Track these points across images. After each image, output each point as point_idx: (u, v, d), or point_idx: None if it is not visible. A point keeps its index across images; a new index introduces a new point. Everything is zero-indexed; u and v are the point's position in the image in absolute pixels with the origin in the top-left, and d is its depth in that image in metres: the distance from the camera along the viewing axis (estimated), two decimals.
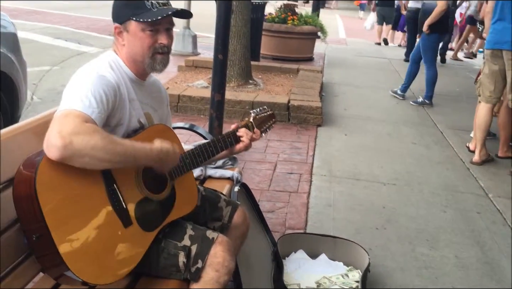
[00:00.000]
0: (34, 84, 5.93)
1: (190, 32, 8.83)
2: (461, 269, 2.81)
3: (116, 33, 1.68)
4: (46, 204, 1.32)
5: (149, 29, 1.63)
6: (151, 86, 1.84)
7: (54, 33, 9.72)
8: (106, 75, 1.58)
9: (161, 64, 1.70)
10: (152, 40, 1.64)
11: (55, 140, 1.33)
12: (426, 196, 3.73)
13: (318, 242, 2.73)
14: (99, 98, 1.49)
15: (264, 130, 2.08)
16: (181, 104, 5.34)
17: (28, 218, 1.35)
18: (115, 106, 1.58)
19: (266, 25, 8.49)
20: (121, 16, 1.65)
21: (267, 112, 2.10)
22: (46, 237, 1.32)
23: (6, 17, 3.66)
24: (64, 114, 1.41)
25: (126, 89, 1.65)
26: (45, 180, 1.34)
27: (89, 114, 1.43)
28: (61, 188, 1.38)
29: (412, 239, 3.07)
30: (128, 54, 1.68)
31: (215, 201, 1.99)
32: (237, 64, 6.10)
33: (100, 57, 1.69)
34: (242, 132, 1.94)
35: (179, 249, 1.65)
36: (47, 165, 1.35)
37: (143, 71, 1.72)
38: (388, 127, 5.43)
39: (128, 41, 1.66)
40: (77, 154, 1.34)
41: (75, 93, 1.48)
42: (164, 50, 1.68)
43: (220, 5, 3.44)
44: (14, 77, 3.45)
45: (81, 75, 1.56)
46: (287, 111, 5.32)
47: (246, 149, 1.96)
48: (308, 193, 3.59)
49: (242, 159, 4.08)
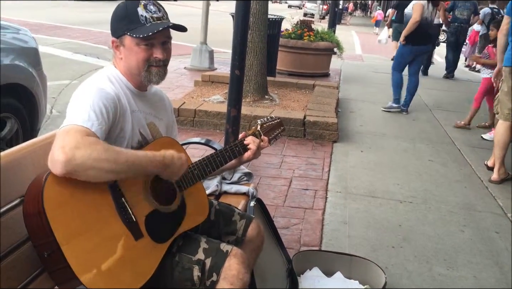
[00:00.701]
0: (54, 98, 6.03)
1: (207, 47, 8.91)
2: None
3: (114, 47, 1.71)
4: (55, 219, 1.33)
5: (143, 44, 1.64)
6: (153, 96, 1.86)
7: (74, 48, 9.89)
8: (105, 88, 1.60)
9: (157, 77, 1.70)
10: (146, 54, 1.66)
11: (58, 156, 1.34)
12: (444, 214, 3.68)
13: (333, 259, 2.70)
14: (99, 111, 1.50)
15: (272, 139, 2.07)
16: (197, 119, 5.37)
17: (38, 234, 1.36)
18: (116, 117, 1.59)
19: (283, 41, 8.53)
20: (117, 31, 1.68)
21: (274, 121, 2.10)
22: (57, 252, 1.32)
23: (28, 32, 3.74)
24: (65, 130, 1.43)
25: (127, 100, 1.67)
26: (53, 196, 1.35)
27: (89, 127, 1.45)
28: (68, 204, 1.38)
29: (429, 258, 3.02)
30: (125, 67, 1.70)
31: (229, 214, 1.99)
32: (253, 79, 6.14)
33: (99, 72, 1.72)
34: (249, 140, 1.94)
35: (194, 263, 1.64)
36: (54, 181, 1.36)
37: (141, 83, 1.74)
38: (405, 144, 5.39)
39: (124, 55, 1.69)
40: (81, 167, 1.35)
41: (75, 109, 1.50)
42: (159, 63, 1.69)
43: (237, 22, 3.47)
44: (35, 91, 3.52)
45: (80, 91, 1.59)
46: (303, 127, 5.31)
47: (254, 156, 1.95)
48: (323, 210, 3.57)
49: (258, 174, 4.08)
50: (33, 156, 1.56)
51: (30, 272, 1.47)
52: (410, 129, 6.05)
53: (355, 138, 5.45)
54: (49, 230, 1.31)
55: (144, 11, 1.65)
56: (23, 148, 1.56)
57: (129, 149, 1.63)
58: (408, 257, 3.02)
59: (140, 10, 1.64)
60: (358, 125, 6.04)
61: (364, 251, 2.99)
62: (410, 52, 6.66)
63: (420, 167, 4.70)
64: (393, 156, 4.97)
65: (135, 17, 1.64)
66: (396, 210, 3.69)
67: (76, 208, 1.39)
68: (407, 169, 4.62)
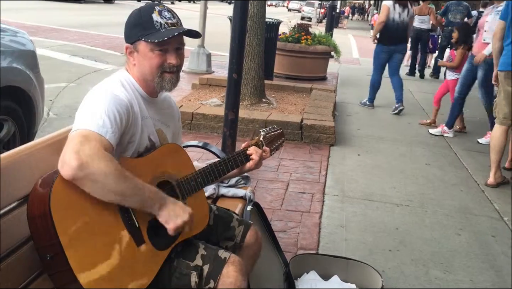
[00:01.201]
0: (51, 101, 6.02)
1: (205, 50, 8.93)
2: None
3: (128, 53, 1.71)
4: (60, 222, 1.33)
5: (157, 49, 1.65)
6: (163, 102, 1.86)
7: (71, 51, 9.89)
8: (119, 94, 1.60)
9: (170, 83, 1.71)
10: (160, 60, 1.66)
11: (70, 159, 1.35)
12: (440, 218, 3.69)
13: (330, 263, 2.71)
14: (113, 118, 1.51)
15: (274, 149, 2.09)
16: (195, 122, 5.37)
17: (42, 236, 1.36)
18: (129, 124, 1.60)
19: (280, 45, 8.55)
20: (131, 37, 1.68)
21: (276, 131, 2.12)
22: (60, 255, 1.33)
23: (26, 35, 3.74)
24: (81, 134, 1.43)
25: (139, 107, 1.68)
26: (60, 199, 1.36)
27: (104, 135, 1.45)
28: (75, 207, 1.39)
29: (426, 262, 3.03)
30: (139, 73, 1.71)
31: (227, 220, 1.99)
32: (250, 83, 6.15)
33: (113, 76, 1.72)
34: (252, 150, 1.96)
35: (191, 269, 1.65)
36: (62, 183, 1.37)
37: (153, 90, 1.74)
38: (402, 148, 5.40)
39: (138, 61, 1.69)
40: (90, 177, 1.36)
41: (89, 113, 1.50)
42: (173, 69, 1.69)
43: (235, 25, 3.48)
44: (32, 94, 3.51)
45: (94, 95, 1.59)
46: (300, 130, 5.32)
47: (256, 167, 1.97)
48: (320, 213, 3.57)
49: (255, 177, 4.08)
50: (31, 158, 1.56)
51: (28, 275, 1.47)
52: (407, 133, 6.07)
53: (352, 142, 5.46)
54: (54, 232, 1.32)
55: (159, 17, 1.66)
56: (21, 151, 1.56)
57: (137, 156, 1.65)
58: (404, 261, 3.02)
59: (155, 16, 1.65)
60: (355, 128, 6.05)
61: (361, 254, 3.00)
62: (382, 51, 6.95)
63: (416, 171, 4.71)
64: (390, 160, 4.98)
65: (150, 23, 1.65)
66: (393, 213, 3.70)
67: (82, 212, 1.40)
68: (404, 172, 4.64)
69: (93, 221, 1.42)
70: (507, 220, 3.75)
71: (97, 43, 11.27)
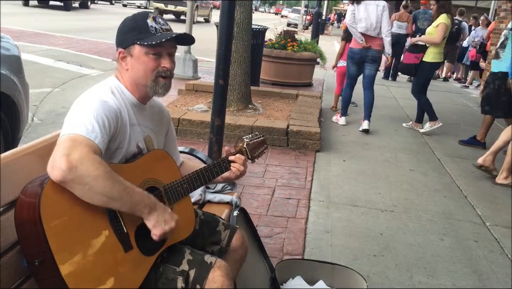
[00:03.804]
0: (35, 106, 5.96)
1: (191, 56, 8.94)
2: None
3: (120, 58, 1.72)
4: (50, 228, 1.33)
5: (152, 53, 1.67)
6: (152, 109, 1.87)
7: (56, 56, 9.81)
8: (108, 101, 1.61)
9: (163, 88, 1.73)
10: (155, 63, 1.69)
11: (60, 162, 1.36)
12: (424, 223, 3.73)
13: (316, 268, 2.72)
14: (102, 123, 1.52)
15: (256, 156, 2.09)
16: (181, 128, 5.37)
17: (31, 242, 1.36)
18: (117, 130, 1.61)
19: (266, 51, 8.60)
20: (125, 41, 1.70)
21: (259, 138, 2.13)
22: (49, 261, 1.32)
23: (10, 40, 3.71)
24: (70, 138, 1.44)
25: (127, 114, 1.69)
26: (49, 205, 1.36)
27: (93, 139, 1.46)
28: (64, 213, 1.39)
29: (410, 267, 3.07)
30: (132, 78, 1.72)
31: (213, 224, 2.00)
32: (237, 89, 6.16)
33: (102, 83, 1.73)
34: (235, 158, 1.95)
35: (177, 274, 1.65)
36: (52, 189, 1.37)
37: (145, 95, 1.75)
38: (386, 154, 5.46)
39: (131, 66, 1.70)
40: (79, 180, 1.37)
41: (79, 118, 1.51)
42: (167, 74, 1.72)
43: (221, 32, 3.50)
44: (16, 99, 3.48)
45: (84, 100, 1.59)
46: (286, 136, 5.35)
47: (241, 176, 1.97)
48: (306, 219, 3.59)
49: (241, 183, 4.10)
50: (17, 164, 1.55)
51: (14, 280, 1.46)
52: (391, 139, 6.14)
53: (338, 148, 5.51)
54: (43, 238, 1.32)
55: (153, 22, 1.70)
56: (7, 157, 1.54)
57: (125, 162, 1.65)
58: (389, 266, 3.06)
59: (150, 22, 1.69)
60: (341, 135, 6.10)
61: (346, 259, 3.02)
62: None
63: (401, 176, 4.76)
64: (375, 165, 5.03)
65: (145, 28, 1.68)
66: (377, 218, 3.74)
67: (71, 217, 1.40)
68: (389, 178, 4.69)
69: (82, 227, 1.42)
70: (489, 225, 3.81)
71: (83, 48, 11.20)
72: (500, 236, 3.61)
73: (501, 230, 3.73)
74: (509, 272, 3.12)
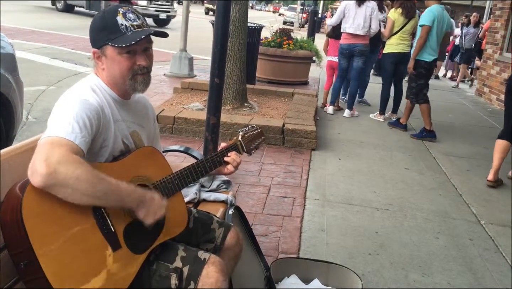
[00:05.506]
0: (30, 104, 5.94)
1: (187, 54, 8.91)
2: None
3: (95, 58, 1.70)
4: (33, 230, 1.32)
5: (125, 52, 1.64)
6: (136, 104, 1.85)
7: (51, 53, 9.77)
8: (89, 99, 1.59)
9: (142, 84, 1.70)
10: (130, 62, 1.65)
11: (40, 167, 1.34)
12: (419, 221, 3.74)
13: (311, 267, 2.73)
14: (82, 123, 1.50)
15: (253, 148, 2.07)
16: (176, 126, 5.36)
17: (15, 244, 1.35)
18: (100, 128, 1.59)
19: (262, 49, 8.59)
20: (97, 41, 1.67)
21: (256, 131, 2.10)
22: (34, 263, 1.31)
23: (5, 38, 3.68)
24: (49, 141, 1.41)
25: (110, 110, 1.67)
26: (32, 206, 1.34)
27: (72, 140, 1.44)
28: (47, 214, 1.37)
29: (405, 265, 3.07)
30: (109, 77, 1.69)
31: (207, 222, 1.99)
32: (232, 87, 6.15)
33: (82, 81, 1.70)
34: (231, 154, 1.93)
35: (171, 271, 1.64)
36: (34, 191, 1.35)
37: (125, 92, 1.73)
38: (382, 152, 5.47)
39: (107, 65, 1.68)
40: (61, 183, 1.35)
41: (58, 120, 1.49)
42: (144, 71, 1.69)
43: (217, 30, 3.49)
44: (11, 97, 3.47)
45: (64, 101, 1.57)
46: (282, 135, 5.35)
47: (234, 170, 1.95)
48: (301, 217, 3.60)
49: (236, 182, 4.09)
50: (11, 163, 1.55)
51: (5, 282, 1.45)
52: (387, 138, 6.15)
53: (333, 146, 5.51)
54: (26, 240, 1.31)
55: (123, 20, 1.64)
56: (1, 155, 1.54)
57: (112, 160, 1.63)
58: (384, 264, 3.06)
59: (120, 19, 1.63)
60: (336, 133, 6.11)
61: (342, 258, 3.03)
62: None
63: (396, 175, 4.77)
64: (370, 164, 5.04)
65: (115, 27, 1.63)
66: (372, 217, 3.74)
67: (55, 218, 1.38)
68: (384, 176, 4.69)
69: (67, 228, 1.40)
70: (484, 223, 3.82)
71: (78, 46, 11.15)
72: (495, 234, 3.62)
73: (496, 228, 3.75)
74: (504, 270, 3.13)
